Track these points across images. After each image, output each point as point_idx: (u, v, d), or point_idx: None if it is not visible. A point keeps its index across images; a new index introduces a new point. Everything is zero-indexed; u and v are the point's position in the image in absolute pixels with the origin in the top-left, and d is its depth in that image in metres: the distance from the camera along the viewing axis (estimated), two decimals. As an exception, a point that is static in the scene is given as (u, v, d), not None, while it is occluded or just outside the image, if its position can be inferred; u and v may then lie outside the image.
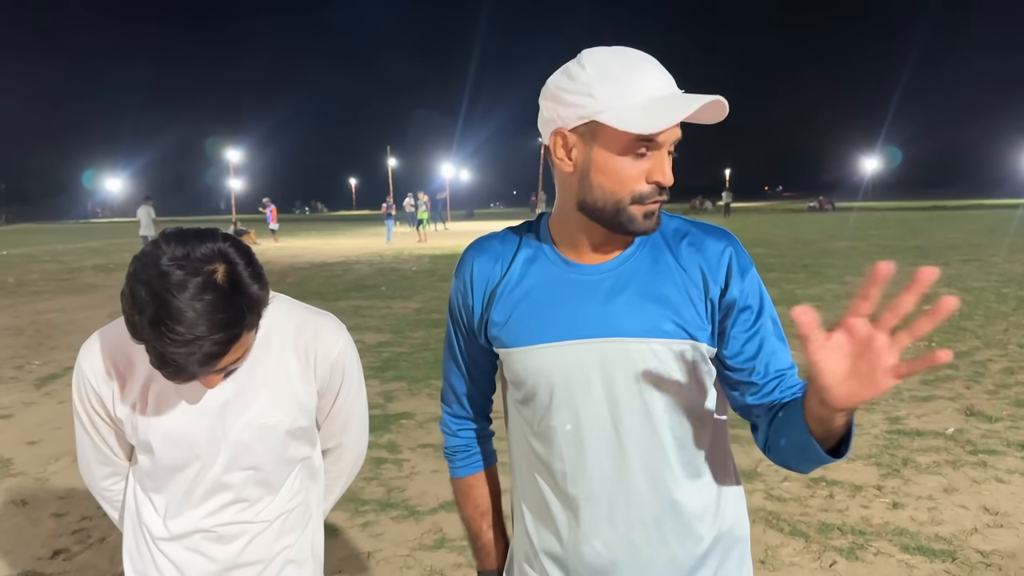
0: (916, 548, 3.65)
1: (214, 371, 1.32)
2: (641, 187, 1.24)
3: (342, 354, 1.58)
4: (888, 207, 61.69)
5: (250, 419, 1.47)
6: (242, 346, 1.32)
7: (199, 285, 1.20)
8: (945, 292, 9.00)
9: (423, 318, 10.70)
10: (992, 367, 7.08)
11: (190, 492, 1.49)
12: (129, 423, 1.46)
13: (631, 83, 1.19)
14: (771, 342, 1.33)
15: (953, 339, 8.32)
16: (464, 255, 1.46)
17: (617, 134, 1.21)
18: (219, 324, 1.21)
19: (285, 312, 1.54)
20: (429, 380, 7.06)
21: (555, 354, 1.33)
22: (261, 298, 1.30)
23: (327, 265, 19.86)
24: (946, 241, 22.83)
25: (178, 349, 1.20)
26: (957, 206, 59.13)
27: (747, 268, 1.34)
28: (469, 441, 1.61)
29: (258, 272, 1.30)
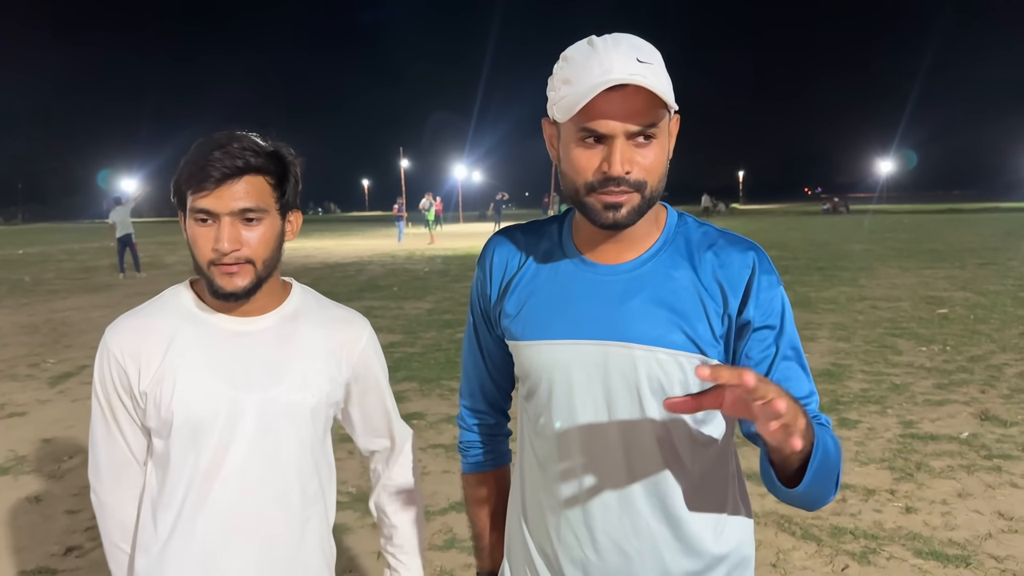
0: (929, 553, 3.62)
1: (233, 210, 1.38)
2: (591, 177, 1.21)
3: (369, 344, 1.63)
4: (903, 210, 61.33)
5: (276, 395, 1.48)
6: (263, 198, 1.42)
7: (246, 132, 1.44)
8: (962, 296, 9.03)
9: (435, 319, 10.72)
10: (1008, 371, 7.03)
11: (207, 479, 1.45)
12: (153, 398, 1.45)
13: (578, 72, 1.18)
14: (787, 367, 1.27)
15: (968, 343, 8.26)
16: (487, 244, 1.47)
17: (567, 123, 1.22)
18: (252, 147, 1.39)
19: (314, 300, 1.62)
20: (440, 381, 7.08)
21: (559, 352, 1.31)
22: (292, 168, 1.47)
23: (340, 265, 19.94)
24: (962, 244, 22.66)
25: (215, 153, 1.36)
26: (973, 209, 58.70)
27: (770, 286, 1.28)
28: (484, 437, 1.59)
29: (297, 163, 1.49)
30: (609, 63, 1.16)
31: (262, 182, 1.41)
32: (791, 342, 1.29)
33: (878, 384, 6.68)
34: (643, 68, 1.16)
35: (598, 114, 1.17)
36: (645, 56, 1.18)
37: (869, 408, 5.97)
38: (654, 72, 1.17)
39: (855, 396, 6.30)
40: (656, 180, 1.23)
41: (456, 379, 7.20)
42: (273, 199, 1.44)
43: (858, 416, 5.76)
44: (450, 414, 6.00)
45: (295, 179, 1.48)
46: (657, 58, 1.21)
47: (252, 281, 1.44)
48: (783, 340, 1.28)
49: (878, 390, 6.48)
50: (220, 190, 1.37)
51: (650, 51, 1.20)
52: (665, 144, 1.24)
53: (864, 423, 5.59)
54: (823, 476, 1.14)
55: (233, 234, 1.39)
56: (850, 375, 7.00)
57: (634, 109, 1.17)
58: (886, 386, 6.60)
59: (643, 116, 1.17)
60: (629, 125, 1.17)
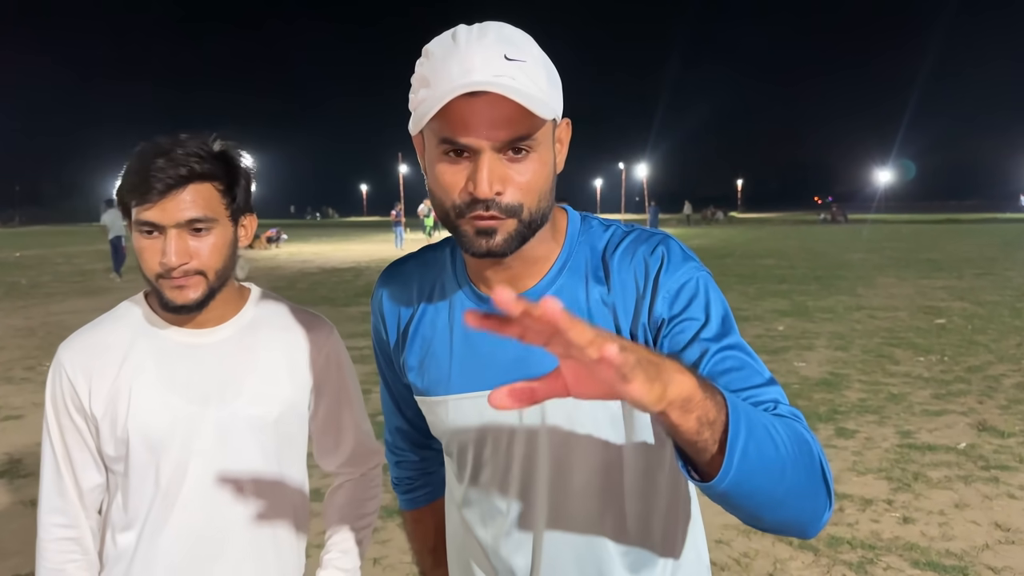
0: (926, 564, 3.61)
1: (180, 222, 1.31)
2: (458, 198, 1.02)
3: (334, 350, 1.55)
4: (901, 219, 61.46)
5: (236, 408, 1.42)
6: (212, 207, 1.34)
7: (192, 136, 1.36)
8: (960, 306, 9.05)
9: (433, 325, 10.68)
10: (1005, 382, 7.02)
11: (167, 499, 1.39)
12: (107, 418, 1.39)
13: (436, 71, 0.99)
14: (723, 357, 1.02)
15: (966, 353, 8.26)
16: (377, 284, 1.32)
17: (429, 133, 1.03)
18: (197, 153, 1.32)
19: (274, 305, 1.54)
20: (438, 387, 7.06)
21: (469, 407, 1.15)
22: (241, 169, 1.40)
23: (337, 271, 19.86)
24: (960, 254, 22.69)
25: (158, 162, 1.29)
26: (971, 219, 58.85)
27: (681, 271, 1.08)
28: (412, 473, 1.47)
29: (249, 169, 1.43)
30: (470, 62, 0.96)
31: (210, 189, 1.34)
32: (724, 335, 1.04)
33: (876, 394, 6.67)
34: (512, 68, 0.97)
35: (458, 124, 0.97)
36: (516, 52, 0.98)
37: (867, 418, 5.96)
38: (526, 72, 0.98)
39: (853, 406, 6.30)
40: (535, 200, 1.03)
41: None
42: (223, 206, 1.37)
43: (856, 426, 5.75)
44: (447, 420, 5.99)
45: (246, 182, 1.42)
46: (533, 53, 1.01)
47: (204, 292, 1.37)
48: (709, 332, 1.04)
49: (876, 400, 6.48)
50: (164, 201, 1.30)
51: (524, 44, 1.01)
52: (548, 157, 1.04)
53: (862, 433, 5.58)
54: (763, 468, 0.85)
55: (180, 246, 1.32)
56: (848, 385, 7.00)
57: (502, 117, 0.96)
58: (884, 396, 6.60)
59: (514, 126, 0.97)
60: (496, 137, 0.97)
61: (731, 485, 0.82)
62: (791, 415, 0.97)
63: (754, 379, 1.00)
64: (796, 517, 0.92)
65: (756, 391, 0.99)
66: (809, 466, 0.90)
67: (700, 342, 1.03)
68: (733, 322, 1.07)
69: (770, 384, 1.01)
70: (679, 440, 0.82)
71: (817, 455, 0.92)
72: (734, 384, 0.98)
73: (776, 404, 0.98)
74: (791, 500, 0.90)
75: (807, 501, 0.91)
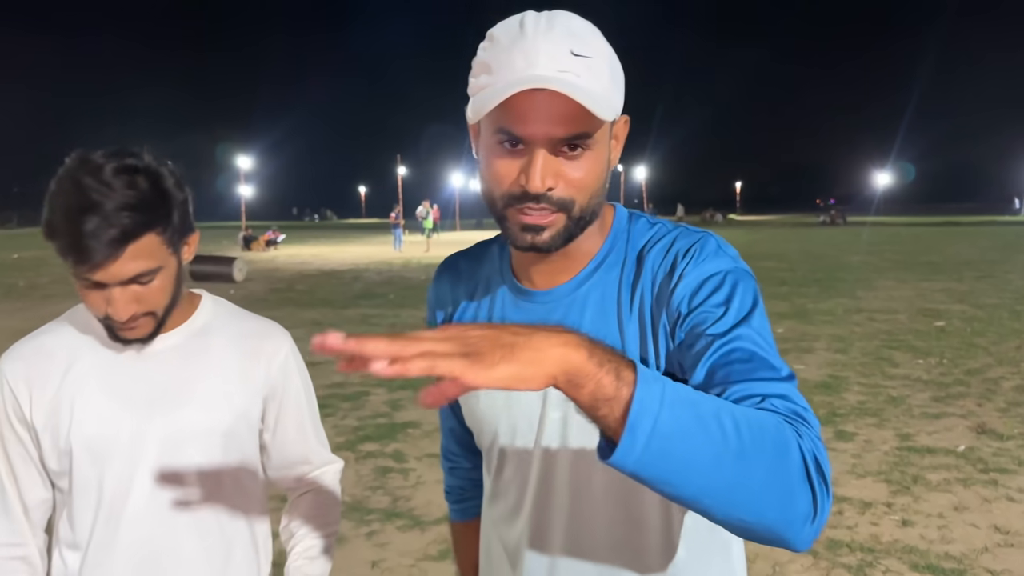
0: (926, 566, 3.61)
1: (124, 280, 1.23)
2: (508, 188, 1.00)
3: (288, 358, 1.49)
4: (901, 222, 61.47)
5: (183, 416, 1.36)
6: (156, 255, 1.25)
7: (115, 168, 1.21)
8: (959, 309, 9.04)
9: (431, 327, 10.68)
10: (1004, 385, 7.02)
11: (112, 514, 1.34)
12: (49, 430, 1.34)
13: (499, 60, 0.97)
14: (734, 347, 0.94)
15: (965, 356, 8.26)
16: (433, 277, 1.32)
17: (486, 119, 1.01)
18: (130, 202, 1.20)
19: (226, 312, 1.49)
20: (436, 389, 7.05)
21: (496, 399, 1.14)
22: (177, 195, 1.29)
23: (336, 273, 19.88)
24: (960, 257, 22.70)
25: (86, 224, 1.18)
26: (970, 222, 58.88)
27: (709, 262, 1.03)
28: (464, 482, 1.45)
29: (180, 182, 1.31)
30: (535, 54, 0.94)
31: (150, 240, 1.24)
32: (739, 326, 0.96)
33: (875, 396, 6.67)
34: (577, 64, 0.94)
35: (517, 116, 0.96)
36: (582, 47, 0.96)
37: (866, 420, 5.96)
38: (591, 69, 0.96)
39: (852, 408, 6.29)
40: (587, 197, 1.01)
41: (452, 388, 7.18)
42: (166, 249, 1.28)
43: (855, 428, 5.75)
44: (446, 423, 5.98)
45: (183, 206, 1.30)
46: (599, 49, 0.98)
47: (153, 327, 1.32)
48: (722, 325, 0.97)
49: (875, 402, 6.47)
50: (105, 266, 1.21)
51: (591, 39, 0.98)
52: (603, 155, 1.02)
53: (861, 435, 5.58)
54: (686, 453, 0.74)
55: (126, 300, 1.25)
56: (847, 387, 7.00)
57: (561, 114, 0.95)
58: (883, 399, 6.60)
59: (572, 123, 0.96)
60: (553, 133, 0.96)
61: (639, 466, 0.73)
62: (785, 410, 0.85)
63: (758, 372, 0.91)
64: (758, 518, 0.78)
65: (752, 384, 0.89)
66: (776, 461, 0.78)
67: (709, 335, 0.96)
68: (757, 319, 0.98)
69: (776, 380, 0.90)
70: (585, 416, 0.76)
71: (798, 452, 0.79)
72: (733, 375, 0.91)
73: (765, 398, 0.87)
74: (742, 496, 0.76)
75: (770, 500, 0.77)
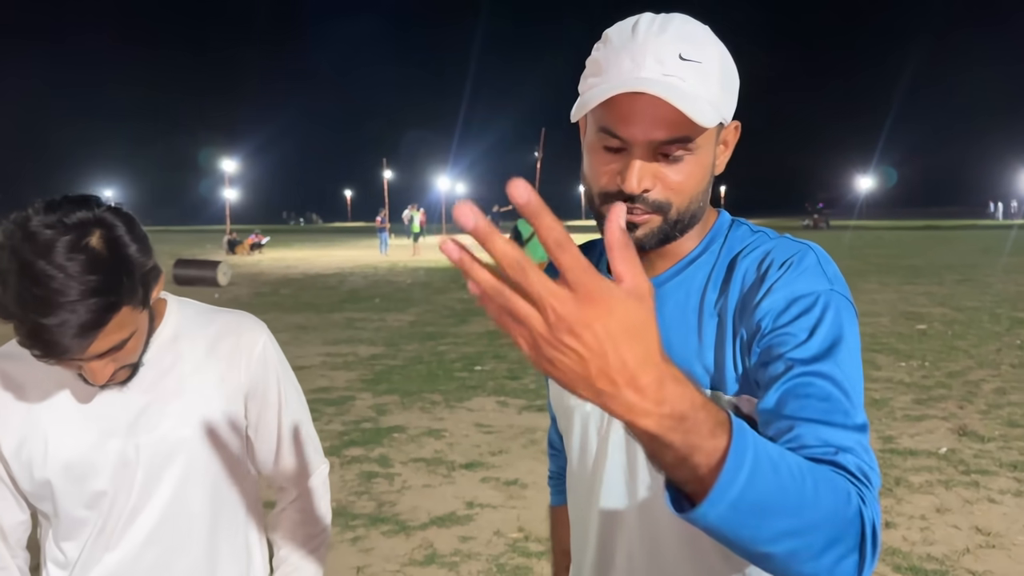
0: (908, 568, 3.64)
1: (98, 354, 1.15)
2: (608, 186, 1.01)
3: (266, 349, 1.42)
4: (883, 226, 61.95)
5: (164, 433, 1.31)
6: (128, 324, 1.18)
7: (68, 244, 1.08)
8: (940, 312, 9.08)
9: (417, 331, 10.68)
10: (985, 387, 7.08)
11: (101, 535, 1.31)
12: (22, 458, 1.28)
13: (609, 60, 0.98)
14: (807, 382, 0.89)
15: (947, 358, 8.33)
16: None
17: (591, 117, 1.03)
18: (92, 287, 1.08)
19: (193, 313, 1.42)
20: (422, 394, 7.04)
21: None
22: (143, 263, 1.18)
23: (321, 276, 19.77)
24: (941, 261, 22.89)
25: (48, 319, 1.06)
26: (952, 226, 59.42)
27: (800, 279, 0.97)
28: (561, 470, 1.47)
29: (139, 235, 1.18)
30: (643, 57, 0.94)
31: (120, 316, 1.15)
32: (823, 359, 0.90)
33: (858, 399, 6.70)
34: (684, 68, 0.94)
35: (619, 117, 0.96)
36: (693, 51, 0.95)
37: (849, 423, 5.99)
38: (699, 73, 0.95)
39: (835, 411, 6.32)
40: (686, 201, 1.00)
41: (438, 392, 7.17)
42: (137, 313, 1.20)
43: (838, 431, 5.77)
44: (431, 427, 5.98)
45: (142, 267, 1.19)
46: (709, 54, 0.97)
47: (131, 373, 1.28)
48: (805, 352, 0.91)
49: (858, 405, 6.51)
50: (74, 356, 1.14)
51: (702, 43, 0.97)
52: (706, 160, 1.01)
53: (844, 438, 5.61)
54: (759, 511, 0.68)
55: (101, 366, 1.20)
56: (830, 390, 7.03)
57: (663, 118, 0.94)
58: (865, 401, 6.55)
59: (673, 127, 0.95)
60: (653, 136, 0.96)
61: (720, 521, 0.68)
62: (855, 469, 0.81)
63: (832, 416, 0.86)
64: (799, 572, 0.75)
65: (827, 428, 0.85)
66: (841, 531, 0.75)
67: (790, 357, 0.91)
68: (844, 353, 0.92)
69: (849, 430, 0.86)
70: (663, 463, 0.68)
71: (858, 523, 0.77)
72: (806, 411, 0.86)
73: (839, 451, 0.83)
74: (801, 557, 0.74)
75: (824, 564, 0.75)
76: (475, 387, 7.38)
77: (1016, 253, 25.33)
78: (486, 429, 6.00)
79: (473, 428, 6.04)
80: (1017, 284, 15.63)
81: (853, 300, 1.00)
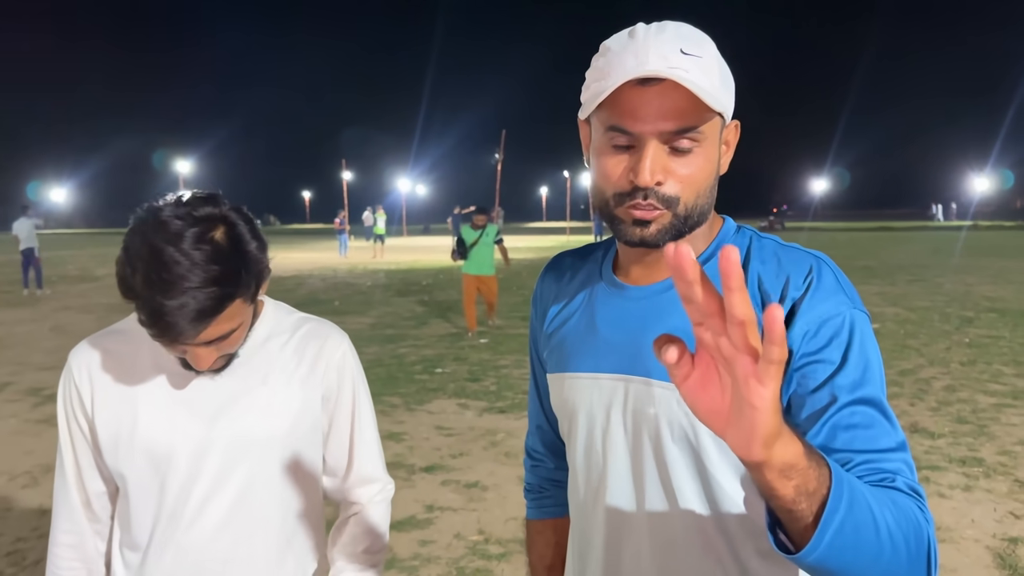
0: (862, 564, 3.69)
1: (207, 341, 1.23)
2: (621, 185, 1.03)
3: (345, 358, 1.50)
4: (837, 227, 63.14)
5: (245, 427, 1.37)
6: (238, 316, 1.25)
7: (196, 236, 1.17)
8: (893, 311, 9.25)
9: (377, 333, 10.61)
10: (935, 384, 7.25)
11: (173, 519, 1.36)
12: (110, 431, 1.35)
13: (612, 64, 1.00)
14: (851, 413, 0.95)
15: (899, 357, 8.51)
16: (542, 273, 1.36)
17: (597, 123, 1.05)
18: (213, 276, 1.16)
19: (285, 315, 1.51)
20: (382, 397, 6.99)
21: (579, 386, 1.16)
22: (259, 259, 1.27)
23: (278, 279, 19.48)
24: (894, 261, 23.40)
25: (169, 300, 1.14)
26: (904, 227, 60.76)
27: (828, 302, 1.01)
28: (542, 482, 1.46)
29: (258, 233, 1.28)
30: (645, 53, 0.97)
31: (233, 307, 1.23)
32: (860, 385, 0.97)
33: (813, 398, 6.80)
34: (687, 61, 0.97)
35: (627, 112, 0.99)
36: (693, 48, 0.99)
37: (804, 421, 6.07)
38: (701, 67, 0.98)
39: (791, 410, 6.41)
40: (694, 196, 1.03)
41: (398, 395, 7.14)
42: (247, 307, 1.28)
43: (794, 429, 5.86)
44: (391, 431, 5.93)
45: (258, 263, 1.28)
46: (709, 51, 1.02)
47: (228, 362, 1.35)
48: (843, 379, 0.97)
49: (813, 404, 6.60)
50: (187, 339, 1.21)
51: (700, 42, 1.02)
52: (712, 155, 1.04)
53: (800, 436, 5.69)
54: (855, 549, 0.78)
55: (207, 354, 1.27)
56: (786, 389, 7.13)
57: (672, 108, 0.97)
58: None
59: (682, 117, 0.98)
60: (663, 126, 0.98)
61: (817, 560, 0.76)
62: (909, 491, 0.90)
63: (881, 441, 0.94)
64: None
65: (879, 456, 0.93)
66: (913, 553, 0.84)
67: (830, 388, 0.97)
68: (877, 374, 0.99)
69: (898, 450, 0.94)
70: (773, 505, 0.77)
71: (927, 541, 0.86)
72: (857, 443, 0.93)
73: (895, 477, 0.91)
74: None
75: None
76: (436, 389, 7.35)
77: (965, 254, 26.02)
78: (447, 432, 5.98)
79: (433, 431, 6.01)
80: (966, 284, 16.06)
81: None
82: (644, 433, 1.09)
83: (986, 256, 24.88)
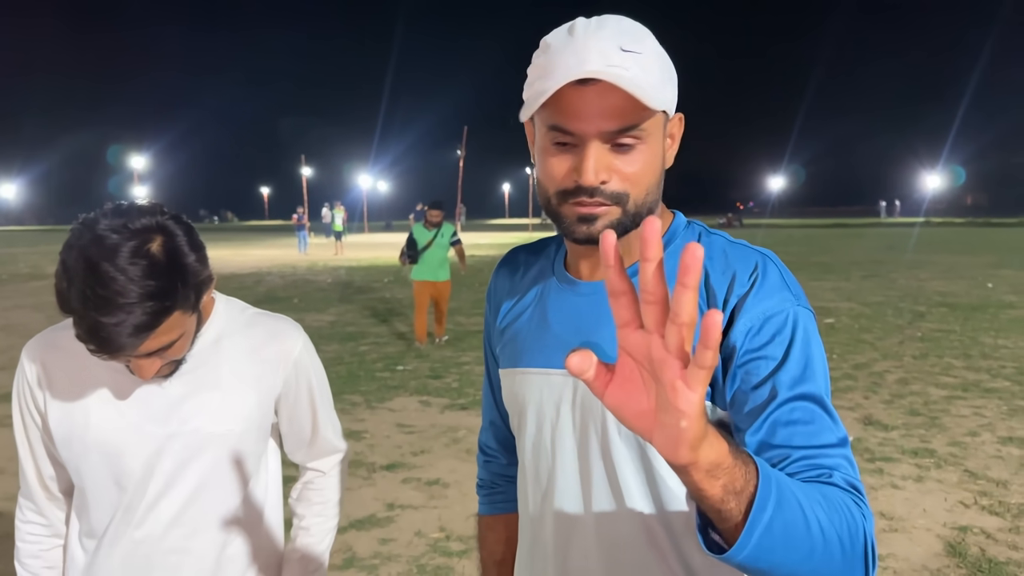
0: (818, 555, 3.75)
1: (147, 353, 1.22)
2: (565, 184, 1.02)
3: (302, 353, 1.51)
4: (794, 224, 64.09)
5: (197, 427, 1.38)
6: (178, 327, 1.24)
7: (132, 250, 1.15)
8: (847, 306, 9.41)
9: (337, 331, 10.52)
10: (888, 378, 7.40)
11: (128, 513, 1.38)
12: (63, 428, 1.36)
13: (553, 62, 0.99)
14: (792, 409, 0.95)
15: (853, 351, 8.67)
16: (495, 268, 1.36)
17: (540, 122, 1.05)
18: (149, 292, 1.15)
19: (238, 312, 1.49)
20: (342, 395, 6.93)
21: (532, 382, 1.16)
22: (198, 271, 1.25)
23: (236, 276, 19.23)
24: (849, 257, 23.82)
25: (106, 317, 1.13)
26: (859, 224, 61.89)
27: (769, 296, 1.01)
28: (494, 477, 1.46)
29: (197, 244, 1.26)
30: (585, 52, 0.96)
31: (174, 319, 1.22)
32: (801, 381, 0.97)
33: (770, 392, 6.90)
34: (626, 58, 0.97)
35: (569, 111, 0.98)
36: (632, 43, 0.98)
37: (762, 415, 6.16)
38: (641, 64, 0.98)
39: (749, 404, 6.50)
40: (642, 192, 1.03)
41: (358, 392, 7.09)
42: (189, 316, 1.27)
43: (752, 423, 5.93)
44: (351, 429, 5.89)
45: (201, 269, 1.27)
46: (649, 47, 1.01)
47: (175, 368, 1.35)
48: (785, 375, 0.97)
49: (770, 398, 6.70)
50: (126, 353, 1.21)
51: (640, 37, 1.01)
52: (656, 150, 1.04)
53: (757, 430, 5.76)
54: (786, 547, 0.78)
55: (150, 364, 1.26)
56: (744, 383, 7.22)
57: (612, 107, 0.97)
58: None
59: (623, 116, 0.98)
60: (605, 125, 0.98)
61: (747, 559, 0.77)
62: (847, 486, 0.90)
63: (820, 437, 0.94)
64: None
65: (818, 451, 0.93)
66: (848, 550, 0.84)
67: (772, 384, 0.97)
68: (819, 370, 0.99)
69: (838, 446, 0.94)
70: (703, 505, 0.77)
71: (863, 537, 0.86)
72: (796, 439, 0.93)
73: (832, 472, 0.91)
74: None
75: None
76: (397, 387, 7.32)
77: (918, 250, 26.60)
78: (408, 429, 5.96)
79: (394, 428, 5.98)
80: (919, 279, 16.42)
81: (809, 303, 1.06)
82: (592, 429, 1.09)
83: (938, 252, 25.47)
